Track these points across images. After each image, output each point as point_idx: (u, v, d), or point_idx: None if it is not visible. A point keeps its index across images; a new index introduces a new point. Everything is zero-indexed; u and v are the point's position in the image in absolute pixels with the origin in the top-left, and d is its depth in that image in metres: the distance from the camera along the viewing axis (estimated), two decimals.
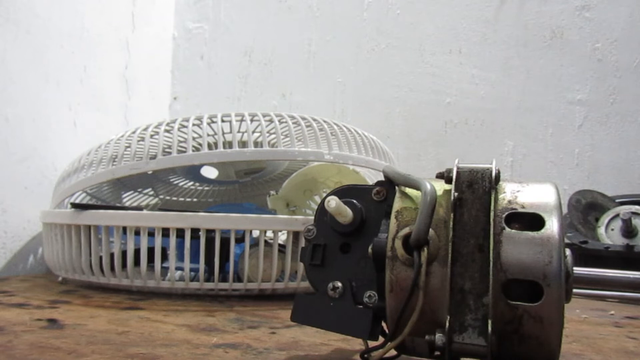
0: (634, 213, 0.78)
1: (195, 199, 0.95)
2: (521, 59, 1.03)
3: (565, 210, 0.86)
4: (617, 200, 0.86)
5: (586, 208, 0.84)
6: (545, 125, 1.01)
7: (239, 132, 0.64)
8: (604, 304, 0.67)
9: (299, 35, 1.14)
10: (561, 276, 0.27)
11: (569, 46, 1.02)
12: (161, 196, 0.92)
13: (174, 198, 0.93)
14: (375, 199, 0.34)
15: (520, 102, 1.02)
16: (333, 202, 0.32)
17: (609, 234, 0.80)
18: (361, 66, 1.10)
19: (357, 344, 0.40)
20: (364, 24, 1.11)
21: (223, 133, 0.61)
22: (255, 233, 0.61)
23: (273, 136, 0.63)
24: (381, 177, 0.85)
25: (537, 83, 1.02)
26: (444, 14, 1.07)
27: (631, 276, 0.31)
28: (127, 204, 0.89)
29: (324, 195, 0.87)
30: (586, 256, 0.74)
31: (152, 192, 0.91)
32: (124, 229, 0.59)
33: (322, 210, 0.35)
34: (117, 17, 1.02)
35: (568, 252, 0.29)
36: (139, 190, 0.89)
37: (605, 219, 0.81)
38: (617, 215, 0.81)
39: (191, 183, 0.92)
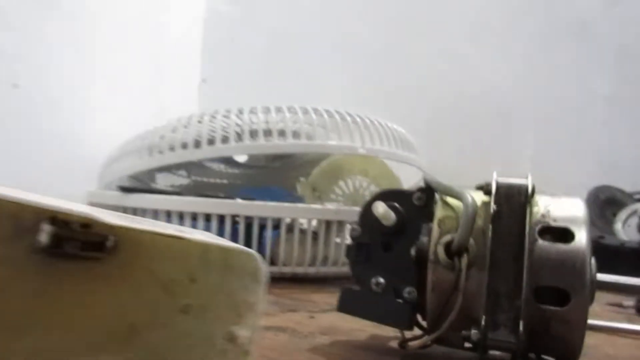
0: None
1: (225, 181, 0.99)
2: (547, 53, 1.04)
3: None
4: (635, 197, 0.88)
5: (604, 203, 0.87)
6: (568, 119, 1.02)
7: (279, 122, 0.67)
8: (621, 299, 0.70)
9: (327, 22, 1.16)
10: (587, 285, 0.30)
11: (595, 41, 1.03)
12: (193, 177, 0.96)
13: (205, 179, 0.97)
14: (415, 203, 0.38)
15: (544, 96, 1.04)
16: (381, 208, 0.35)
17: (625, 230, 0.83)
18: (387, 55, 1.12)
19: (388, 330, 0.44)
20: (392, 13, 1.13)
21: (266, 122, 0.64)
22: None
23: (310, 127, 0.67)
24: (406, 167, 0.87)
25: (561, 77, 1.03)
26: (472, 5, 1.08)
27: None
28: (161, 184, 0.93)
29: (350, 183, 0.91)
30: (602, 251, 0.77)
31: (185, 174, 0.95)
32: (168, 212, 0.63)
33: (366, 213, 0.38)
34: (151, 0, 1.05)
35: (593, 261, 0.33)
36: (173, 171, 0.93)
37: (622, 214, 0.84)
38: (634, 212, 0.83)
39: (222, 166, 0.96)
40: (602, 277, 0.34)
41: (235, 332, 0.24)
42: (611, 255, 0.77)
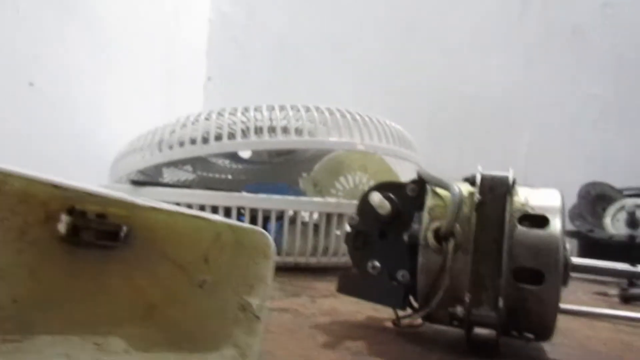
0: (638, 206, 0.84)
1: (229, 176, 1.02)
2: (542, 55, 1.08)
3: (575, 200, 0.92)
4: (624, 193, 0.92)
5: (595, 199, 0.90)
6: (562, 119, 1.06)
7: (283, 119, 0.70)
8: (605, 288, 0.74)
9: (330, 27, 1.20)
10: (559, 265, 0.33)
11: (589, 42, 1.06)
12: (198, 172, 1.00)
13: (210, 174, 1.01)
14: (409, 194, 0.41)
15: (539, 96, 1.07)
16: (376, 198, 0.39)
17: (614, 224, 0.86)
18: (388, 58, 1.16)
19: (384, 312, 0.48)
20: (393, 19, 1.16)
21: (270, 119, 0.68)
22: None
23: (312, 124, 0.70)
24: (404, 164, 0.91)
25: (556, 78, 1.07)
26: (472, 10, 1.11)
27: (619, 267, 0.38)
28: (167, 179, 0.97)
29: (350, 178, 0.94)
30: (591, 244, 0.81)
31: (190, 169, 0.99)
32: (177, 204, 0.66)
33: (364, 203, 0.42)
34: (160, 4, 1.09)
35: (568, 245, 0.36)
36: (179, 167, 0.97)
37: (611, 210, 0.88)
38: (623, 207, 0.87)
39: (227, 162, 0.99)
40: (577, 260, 0.37)
41: (246, 302, 0.28)
42: (600, 247, 0.80)
